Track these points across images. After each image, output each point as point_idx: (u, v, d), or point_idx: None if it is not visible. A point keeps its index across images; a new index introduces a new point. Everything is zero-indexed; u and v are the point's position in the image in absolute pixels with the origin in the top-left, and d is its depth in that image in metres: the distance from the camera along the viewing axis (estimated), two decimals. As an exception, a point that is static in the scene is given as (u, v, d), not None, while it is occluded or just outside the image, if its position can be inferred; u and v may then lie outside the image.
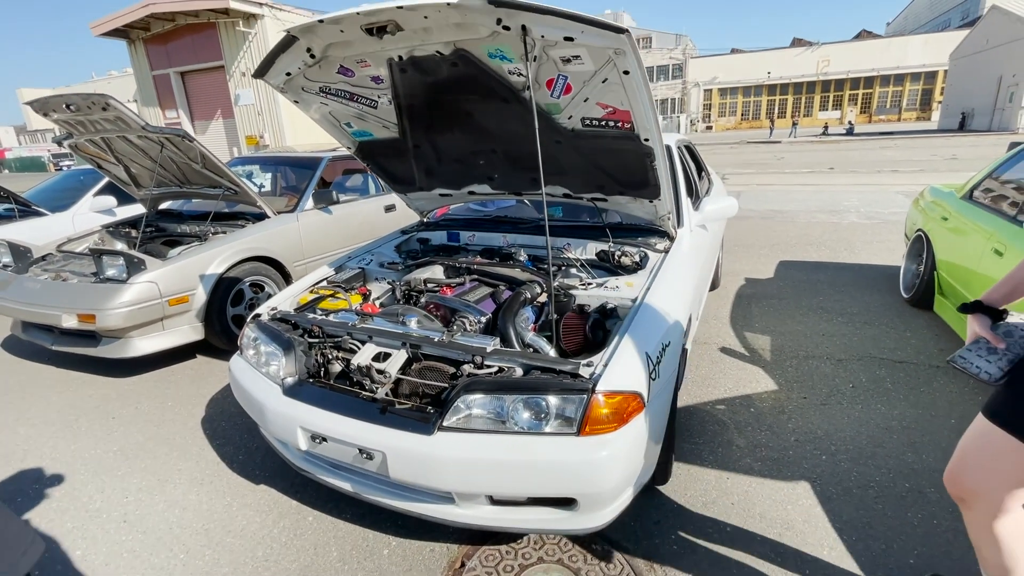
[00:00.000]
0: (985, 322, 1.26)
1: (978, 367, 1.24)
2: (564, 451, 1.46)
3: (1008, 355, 1.22)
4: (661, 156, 1.97)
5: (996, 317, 1.27)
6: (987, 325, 1.26)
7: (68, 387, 3.21)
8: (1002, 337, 1.23)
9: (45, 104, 3.19)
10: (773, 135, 30.31)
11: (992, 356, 1.24)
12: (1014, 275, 1.28)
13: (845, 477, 2.18)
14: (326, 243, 4.12)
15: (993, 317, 1.27)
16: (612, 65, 1.60)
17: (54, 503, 2.20)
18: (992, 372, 1.23)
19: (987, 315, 1.28)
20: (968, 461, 1.32)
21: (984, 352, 1.25)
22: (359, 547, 1.90)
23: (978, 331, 1.27)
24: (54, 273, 3.31)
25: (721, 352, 3.38)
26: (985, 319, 1.27)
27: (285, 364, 1.84)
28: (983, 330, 1.26)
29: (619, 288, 2.05)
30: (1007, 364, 1.22)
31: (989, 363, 1.23)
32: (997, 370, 1.22)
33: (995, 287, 1.30)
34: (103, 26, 15.49)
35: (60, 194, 5.45)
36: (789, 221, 7.45)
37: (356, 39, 1.71)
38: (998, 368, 1.22)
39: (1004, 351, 1.23)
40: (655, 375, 1.66)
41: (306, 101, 2.17)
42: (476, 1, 1.41)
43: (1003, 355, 1.23)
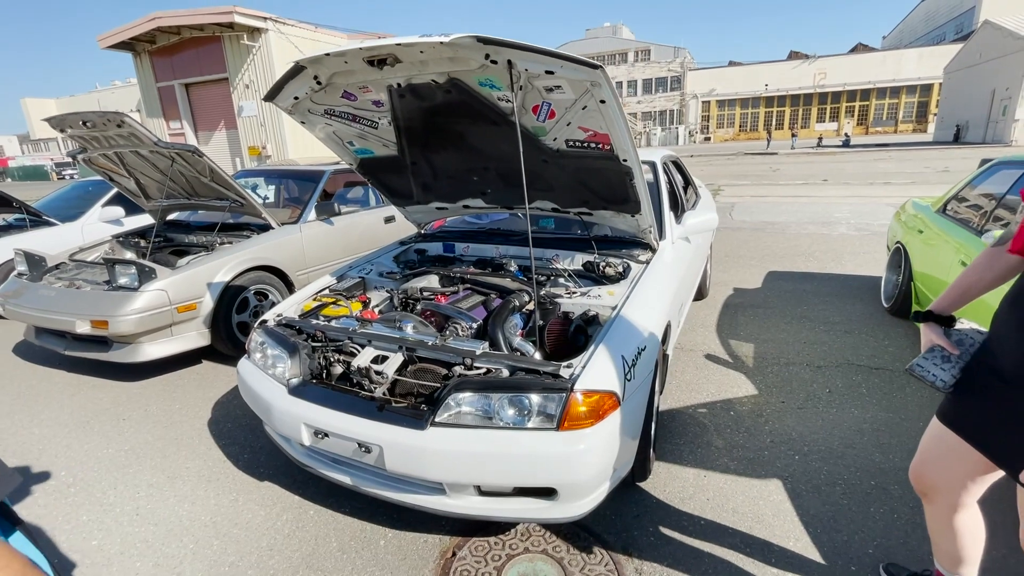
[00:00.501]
0: (938, 330, 1.35)
1: (934, 375, 1.33)
2: (545, 444, 1.61)
3: (960, 362, 1.31)
4: (639, 175, 2.13)
5: (947, 324, 1.36)
6: (941, 333, 1.35)
7: (79, 390, 3.35)
8: (955, 344, 1.33)
9: (62, 121, 3.36)
10: (770, 146, 30.63)
11: (946, 364, 1.32)
12: (959, 282, 1.37)
13: (815, 475, 2.32)
14: (328, 253, 4.28)
15: (944, 325, 1.36)
16: (590, 95, 1.77)
17: (70, 498, 2.33)
18: (946, 380, 1.32)
19: (939, 323, 1.36)
20: (927, 459, 1.43)
21: (939, 360, 1.33)
22: (357, 538, 2.04)
23: (934, 339, 1.35)
24: (68, 281, 3.46)
25: (706, 359, 3.53)
26: (938, 327, 1.36)
27: (290, 366, 1.99)
28: (938, 338, 1.34)
29: (601, 297, 2.21)
30: (959, 371, 1.31)
31: (943, 371, 1.32)
32: (950, 377, 1.31)
33: (943, 295, 1.39)
34: (110, 39, 15.79)
35: (69, 204, 5.62)
36: (780, 232, 7.62)
37: (359, 69, 1.88)
38: (951, 375, 1.31)
39: (957, 358, 1.31)
40: (630, 376, 1.80)
41: (312, 122, 2.34)
42: (467, 40, 1.58)
43: (956, 362, 1.31)
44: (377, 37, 17.19)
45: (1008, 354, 1.20)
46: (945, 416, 1.37)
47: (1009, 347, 1.20)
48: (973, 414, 1.30)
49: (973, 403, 1.29)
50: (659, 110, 47.93)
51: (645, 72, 47.97)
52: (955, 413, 1.35)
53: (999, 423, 1.22)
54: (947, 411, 1.37)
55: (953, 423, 1.35)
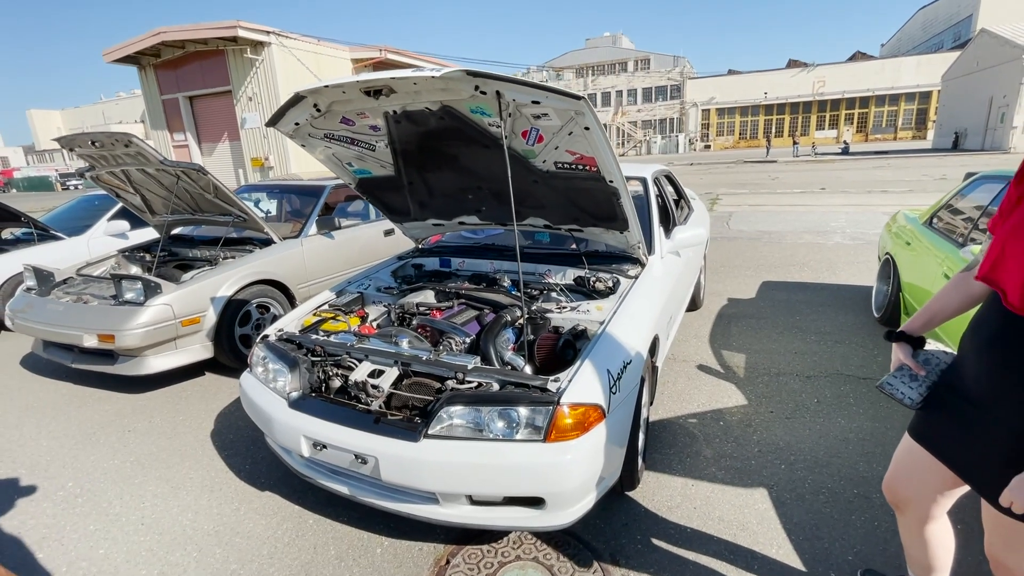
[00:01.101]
0: (907, 350, 1.41)
1: (902, 393, 1.40)
2: (532, 455, 1.68)
3: (927, 381, 1.38)
4: (625, 194, 2.23)
5: (917, 345, 1.43)
6: (909, 353, 1.41)
7: (86, 403, 3.44)
8: (922, 364, 1.39)
9: (71, 141, 3.48)
10: (770, 154, 30.77)
11: (914, 383, 1.39)
12: (930, 306, 1.44)
13: (800, 484, 2.39)
14: (329, 266, 4.38)
15: (914, 345, 1.42)
16: (575, 122, 1.87)
17: (77, 508, 2.41)
18: (913, 398, 1.39)
19: (909, 343, 1.43)
20: (899, 473, 1.50)
21: (907, 379, 1.40)
22: (355, 546, 2.11)
23: (902, 359, 1.41)
24: (75, 295, 3.56)
25: (698, 369, 3.60)
26: (907, 347, 1.42)
27: (290, 380, 2.08)
28: (906, 358, 1.40)
29: (589, 312, 2.29)
30: (926, 390, 1.38)
31: (911, 389, 1.39)
32: (917, 395, 1.38)
33: (914, 317, 1.45)
34: (115, 53, 16.04)
35: (76, 218, 5.74)
36: (776, 242, 7.70)
37: (356, 98, 1.98)
38: (918, 394, 1.38)
39: (924, 377, 1.38)
40: (615, 389, 1.88)
41: (312, 145, 2.44)
42: (457, 73, 1.67)
43: (923, 381, 1.38)
44: (378, 50, 17.44)
45: (970, 376, 1.27)
46: (915, 432, 1.44)
47: (972, 370, 1.27)
48: (941, 431, 1.36)
49: (941, 420, 1.36)
50: (659, 118, 48.22)
51: (645, 81, 48.33)
52: (924, 429, 1.41)
53: (963, 440, 1.29)
54: (917, 427, 1.44)
55: (923, 439, 1.41)
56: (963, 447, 1.29)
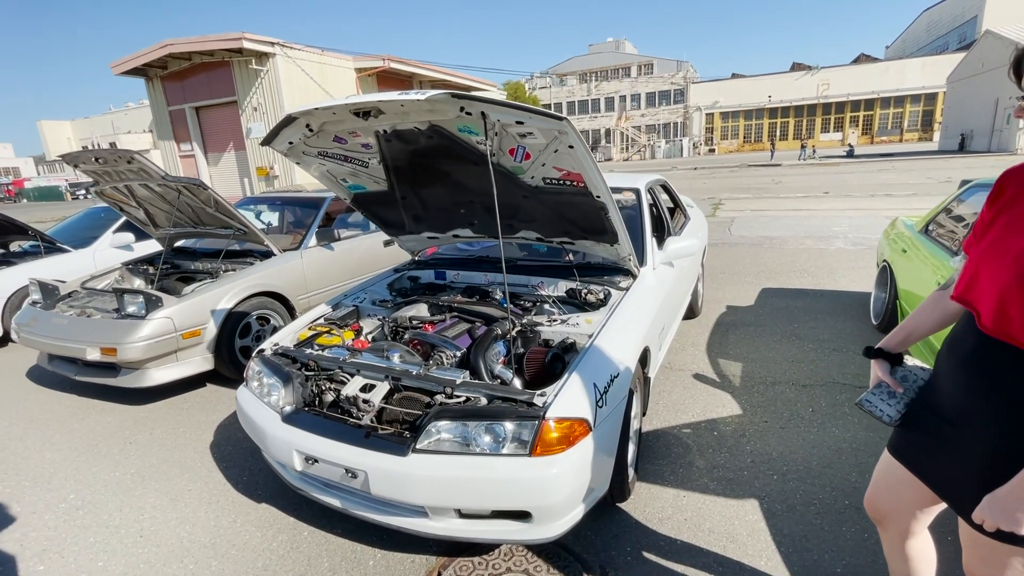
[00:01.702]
0: (885, 367, 1.41)
1: (880, 410, 1.39)
2: (518, 469, 1.71)
3: (905, 398, 1.38)
4: (613, 208, 2.26)
5: (895, 362, 1.42)
6: (887, 370, 1.41)
7: (89, 414, 3.49)
8: (900, 381, 1.39)
9: (76, 158, 3.56)
10: (774, 158, 30.71)
11: (892, 400, 1.39)
12: (907, 323, 1.44)
13: (791, 495, 2.39)
14: (329, 277, 4.43)
15: (892, 362, 1.42)
16: (559, 140, 1.90)
17: (77, 520, 2.45)
18: (891, 415, 1.38)
19: (887, 360, 1.42)
20: (879, 489, 1.50)
21: (885, 396, 1.40)
22: (348, 558, 2.14)
23: (880, 375, 1.41)
24: (79, 309, 3.62)
25: (694, 378, 3.61)
26: (885, 364, 1.42)
27: (284, 394, 2.11)
28: (884, 375, 1.40)
29: (579, 324, 2.32)
30: (904, 407, 1.38)
31: (889, 406, 1.39)
32: (896, 412, 1.38)
33: (892, 333, 1.45)
34: (123, 65, 16.30)
35: (82, 231, 5.83)
36: (777, 248, 7.69)
37: (346, 119, 2.03)
38: (896, 411, 1.38)
39: (902, 394, 1.38)
40: (602, 403, 1.91)
41: (307, 163, 2.49)
42: (442, 96, 1.71)
43: (901, 398, 1.38)
44: (382, 60, 17.60)
45: (946, 394, 1.28)
46: (894, 448, 1.44)
47: (947, 388, 1.27)
48: (918, 448, 1.37)
49: (918, 437, 1.36)
50: (663, 123, 48.30)
51: (648, 86, 48.47)
52: (902, 446, 1.41)
53: (939, 457, 1.29)
54: (896, 444, 1.44)
55: (900, 455, 1.41)
56: (939, 464, 1.30)
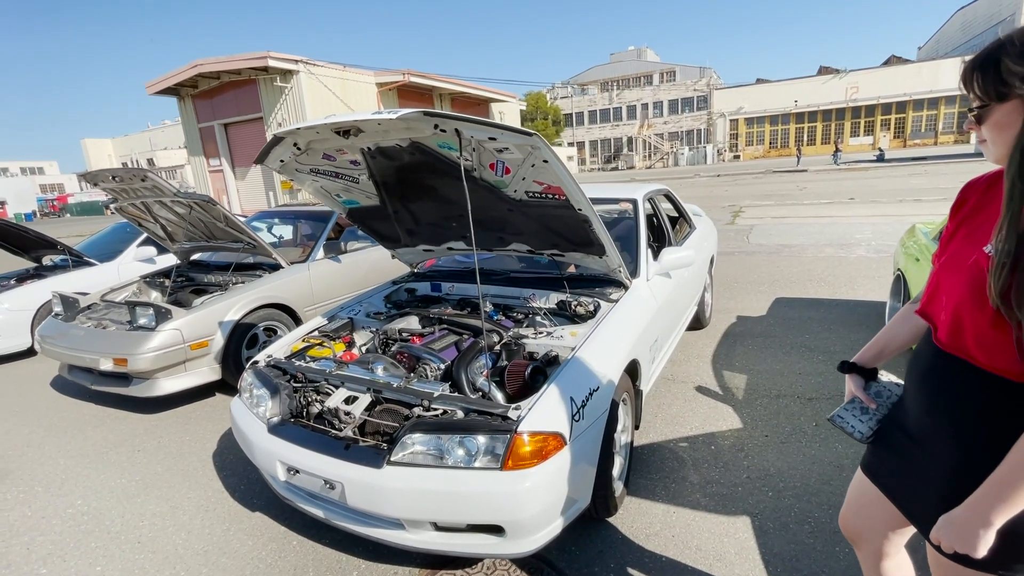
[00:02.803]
0: (859, 382, 1.37)
1: (852, 426, 1.35)
2: (489, 484, 1.71)
3: (878, 414, 1.34)
4: (596, 221, 2.26)
5: (869, 377, 1.38)
6: (860, 385, 1.36)
7: (103, 423, 3.63)
8: (873, 397, 1.34)
9: (95, 176, 3.73)
10: (800, 163, 30.07)
11: (864, 416, 1.35)
12: (879, 337, 1.40)
13: (786, 513, 2.33)
14: (336, 289, 4.52)
15: (867, 377, 1.38)
16: (533, 155, 1.92)
17: (82, 526, 2.55)
18: (863, 431, 1.34)
19: (861, 375, 1.38)
20: (851, 508, 1.46)
21: (858, 412, 1.35)
22: (332, 568, 2.17)
23: (852, 390, 1.37)
24: (96, 321, 3.78)
25: (696, 391, 3.55)
26: (859, 379, 1.37)
27: (271, 406, 2.17)
28: (857, 390, 1.36)
29: (563, 337, 2.32)
30: (876, 423, 1.34)
31: (861, 422, 1.34)
32: (867, 429, 1.34)
33: (866, 348, 1.41)
34: (156, 85, 17.04)
35: (108, 245, 6.09)
36: (795, 256, 7.52)
37: (330, 137, 2.09)
38: (868, 428, 1.34)
39: (875, 411, 1.34)
40: (579, 417, 1.90)
41: (300, 179, 2.56)
42: (415, 114, 1.75)
43: (874, 415, 1.34)
44: (402, 74, 17.96)
45: (910, 411, 1.24)
46: (866, 466, 1.39)
47: (910, 404, 1.24)
48: (886, 466, 1.32)
49: (887, 455, 1.32)
50: (686, 130, 47.87)
51: (671, 93, 48.16)
52: (873, 464, 1.37)
53: (905, 476, 1.25)
54: (867, 461, 1.39)
55: (871, 473, 1.37)
56: (904, 483, 1.26)
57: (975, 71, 0.91)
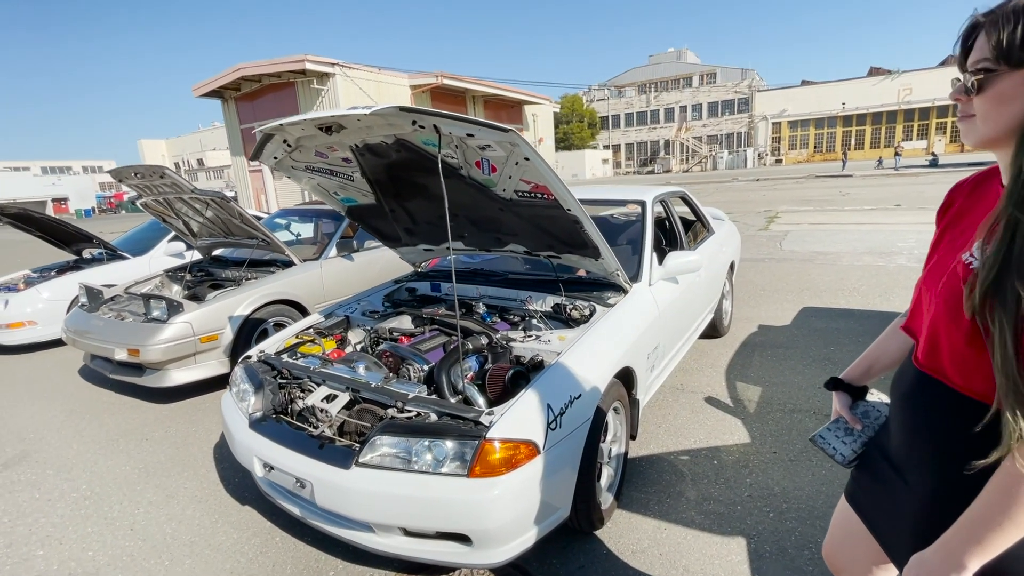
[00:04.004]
0: (845, 401, 1.26)
1: (834, 448, 1.24)
2: (455, 491, 1.66)
3: (863, 436, 1.22)
4: (587, 222, 2.17)
5: (857, 395, 1.27)
6: (847, 404, 1.26)
7: (119, 410, 3.76)
8: (859, 417, 1.23)
9: (120, 173, 3.87)
10: (846, 168, 28.84)
11: (848, 437, 1.24)
12: (869, 353, 1.28)
13: (785, 536, 2.18)
14: (347, 287, 4.55)
15: (854, 395, 1.26)
16: (515, 153, 1.85)
17: (82, 511, 2.62)
18: (845, 454, 1.23)
19: (849, 393, 1.27)
20: (834, 539, 1.34)
21: (841, 432, 1.24)
22: (310, 567, 2.15)
23: (838, 410, 1.26)
24: (116, 312, 3.92)
25: (705, 401, 3.40)
26: (846, 397, 1.26)
27: (254, 401, 2.17)
28: (842, 409, 1.25)
29: (551, 342, 2.24)
30: (860, 446, 1.22)
31: (844, 444, 1.23)
32: (851, 452, 1.22)
33: (854, 364, 1.30)
34: (202, 88, 17.76)
35: (141, 240, 6.34)
36: (830, 264, 7.17)
37: (316, 134, 2.08)
38: (851, 450, 1.22)
39: (859, 432, 1.22)
40: (556, 425, 1.82)
41: (296, 176, 2.58)
42: (391, 110, 1.72)
43: (858, 436, 1.23)
44: (435, 76, 18.15)
45: (893, 435, 1.12)
46: (850, 495, 1.27)
47: (894, 427, 1.12)
48: (868, 494, 1.20)
49: (870, 484, 1.19)
50: (725, 133, 46.68)
51: (711, 95, 47.08)
52: (855, 491, 1.24)
53: (884, 505, 1.13)
54: (851, 490, 1.27)
55: (853, 501, 1.24)
56: (884, 515, 1.13)
57: (994, 25, 0.72)
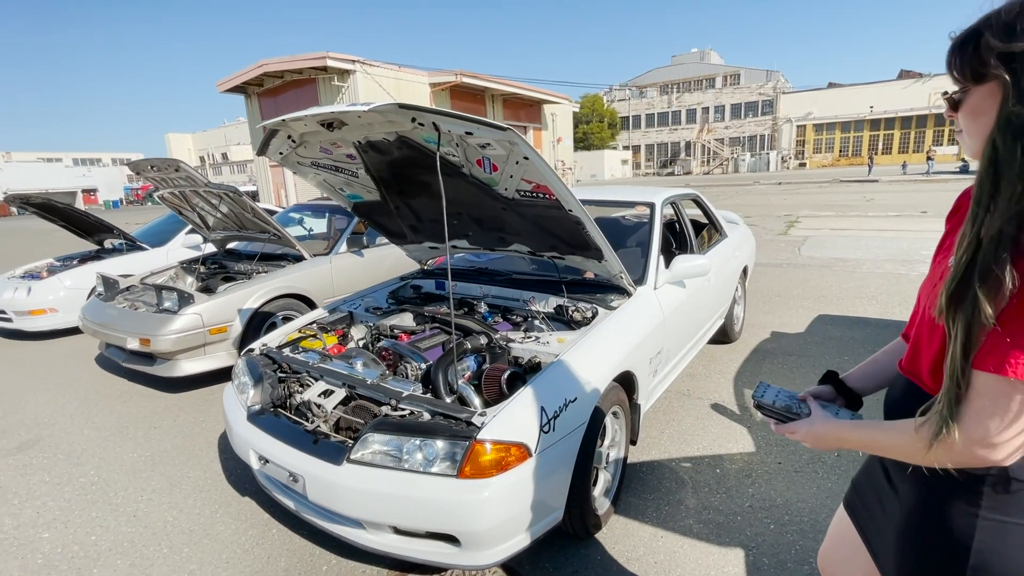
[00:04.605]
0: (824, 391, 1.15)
1: (762, 394, 1.09)
2: (443, 491, 1.65)
3: (797, 409, 1.06)
4: (589, 223, 2.14)
5: (852, 403, 1.15)
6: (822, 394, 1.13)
7: (130, 398, 3.83)
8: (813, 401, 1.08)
9: (136, 166, 3.95)
10: (872, 173, 28.16)
11: (783, 395, 1.08)
12: (878, 358, 1.19)
13: (785, 549, 2.13)
14: (356, 283, 4.57)
15: (849, 402, 1.15)
16: (514, 152, 1.84)
17: (88, 496, 2.68)
18: (763, 398, 1.07)
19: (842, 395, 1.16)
20: (830, 548, 1.29)
21: (785, 396, 1.09)
22: (304, 561, 2.17)
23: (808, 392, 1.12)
24: (130, 302, 4.00)
25: (711, 408, 3.34)
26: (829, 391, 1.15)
27: (253, 394, 2.19)
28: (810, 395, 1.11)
29: (549, 343, 2.22)
30: (779, 407, 1.06)
31: (776, 396, 1.08)
32: (769, 400, 1.06)
33: (860, 366, 1.20)
34: (226, 84, 18.06)
35: (160, 232, 6.46)
36: (849, 271, 7.01)
37: (319, 130, 2.09)
38: (771, 400, 1.07)
39: (795, 404, 1.07)
40: (549, 428, 1.80)
41: (302, 172, 2.59)
42: (390, 107, 1.72)
43: (790, 404, 1.07)
44: (454, 75, 18.19)
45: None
46: (848, 503, 1.22)
47: None
48: (865, 504, 1.15)
49: (866, 490, 1.14)
50: (748, 135, 45.97)
51: (734, 97, 46.40)
52: (854, 502, 1.19)
53: (877, 518, 1.09)
54: (850, 498, 1.21)
55: (850, 508, 1.20)
56: (875, 524, 1.09)
57: (955, 49, 0.78)
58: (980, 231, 0.72)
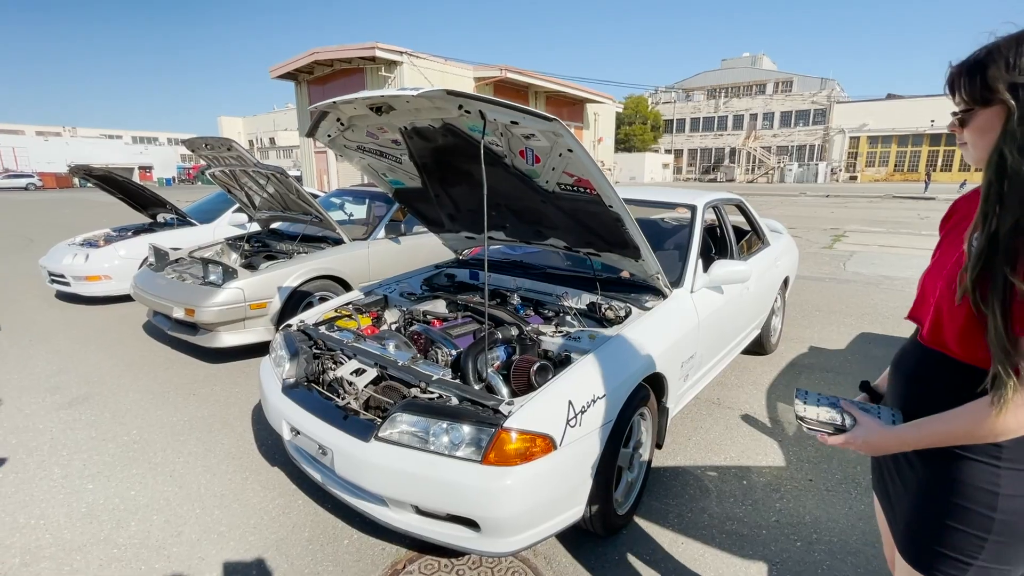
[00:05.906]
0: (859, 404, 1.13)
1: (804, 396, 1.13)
2: (466, 476, 1.66)
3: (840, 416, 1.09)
4: (629, 221, 2.12)
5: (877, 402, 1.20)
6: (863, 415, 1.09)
7: (173, 365, 4.01)
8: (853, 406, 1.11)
9: (192, 143, 4.12)
10: (928, 190, 26.85)
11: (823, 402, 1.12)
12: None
13: (811, 569, 2.07)
14: (393, 268, 4.64)
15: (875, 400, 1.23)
16: (559, 144, 1.83)
17: (131, 454, 2.82)
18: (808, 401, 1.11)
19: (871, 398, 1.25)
20: (884, 537, 1.29)
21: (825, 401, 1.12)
22: (327, 533, 2.23)
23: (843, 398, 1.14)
24: (179, 274, 4.18)
25: (741, 419, 3.26)
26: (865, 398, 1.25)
27: (288, 368, 2.26)
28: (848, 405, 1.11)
29: (581, 339, 2.20)
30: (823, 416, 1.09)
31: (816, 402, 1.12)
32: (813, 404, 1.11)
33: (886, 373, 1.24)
34: (278, 70, 18.63)
35: (209, 210, 6.72)
36: (897, 290, 6.71)
37: (367, 114, 2.13)
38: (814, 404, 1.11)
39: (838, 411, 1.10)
40: (575, 423, 1.79)
41: (348, 155, 2.65)
42: (438, 93, 1.73)
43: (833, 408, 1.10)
44: (499, 70, 18.24)
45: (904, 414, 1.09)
46: (876, 483, 1.24)
47: (902, 404, 1.11)
48: (890, 478, 1.16)
49: (887, 467, 1.16)
50: (797, 144, 44.48)
51: (784, 104, 44.95)
52: (877, 481, 1.22)
53: (897, 491, 1.12)
54: (875, 478, 1.23)
55: (877, 488, 1.23)
56: (896, 497, 1.12)
57: (962, 76, 0.91)
58: (994, 224, 0.84)
